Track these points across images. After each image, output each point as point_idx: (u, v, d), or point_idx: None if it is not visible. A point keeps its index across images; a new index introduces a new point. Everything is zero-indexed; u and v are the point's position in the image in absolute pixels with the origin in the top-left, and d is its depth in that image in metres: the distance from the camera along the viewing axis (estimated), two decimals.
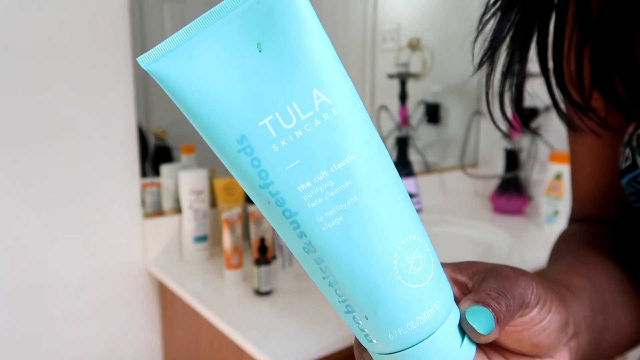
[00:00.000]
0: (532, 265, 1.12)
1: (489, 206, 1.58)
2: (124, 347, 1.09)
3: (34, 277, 0.96)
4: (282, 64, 0.21)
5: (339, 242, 0.22)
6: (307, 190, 0.21)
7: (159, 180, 1.13)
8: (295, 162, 0.21)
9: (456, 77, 1.70)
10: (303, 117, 0.21)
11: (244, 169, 0.22)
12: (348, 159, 0.21)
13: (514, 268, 0.27)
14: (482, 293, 0.25)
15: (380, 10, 1.57)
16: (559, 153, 1.34)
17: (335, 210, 0.22)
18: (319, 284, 0.24)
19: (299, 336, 0.80)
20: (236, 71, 0.21)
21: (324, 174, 0.21)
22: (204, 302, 0.92)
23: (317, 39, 0.21)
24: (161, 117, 1.20)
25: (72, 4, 0.93)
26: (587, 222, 0.49)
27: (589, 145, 0.47)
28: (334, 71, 0.21)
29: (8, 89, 0.90)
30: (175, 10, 1.18)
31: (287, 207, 0.22)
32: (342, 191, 0.21)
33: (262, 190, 0.22)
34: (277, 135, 0.21)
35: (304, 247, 0.22)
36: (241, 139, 0.21)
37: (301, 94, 0.21)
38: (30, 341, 0.97)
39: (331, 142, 0.21)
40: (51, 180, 0.96)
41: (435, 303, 0.23)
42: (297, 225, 0.22)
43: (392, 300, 0.23)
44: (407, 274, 0.23)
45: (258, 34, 0.21)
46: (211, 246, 1.15)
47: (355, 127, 0.22)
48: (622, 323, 0.37)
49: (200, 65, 0.21)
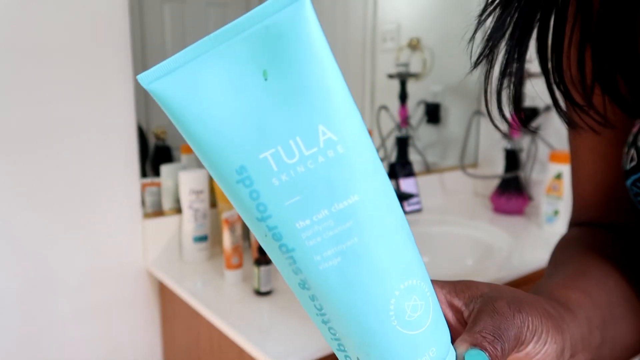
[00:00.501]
0: (532, 265, 1.12)
1: (489, 206, 1.58)
2: (124, 347, 1.09)
3: (34, 277, 0.96)
4: (288, 95, 0.20)
5: (335, 283, 0.21)
6: (305, 228, 0.21)
7: (159, 180, 1.13)
8: (295, 198, 0.20)
9: (456, 77, 1.70)
10: (306, 153, 0.20)
11: (243, 199, 0.21)
12: (351, 199, 0.21)
13: (510, 302, 0.27)
14: (478, 335, 0.24)
15: (380, 10, 1.57)
16: (559, 153, 1.34)
17: (334, 250, 0.21)
18: (314, 319, 0.23)
19: (299, 336, 0.80)
20: (240, 98, 0.20)
21: (325, 213, 0.21)
22: (204, 302, 0.92)
23: (327, 70, 0.20)
24: (161, 117, 1.20)
25: (72, 4, 0.93)
26: (588, 227, 0.47)
27: (591, 146, 0.46)
28: (342, 106, 0.20)
29: (8, 89, 0.90)
30: (175, 10, 1.18)
31: (285, 242, 0.21)
32: (342, 231, 0.21)
33: (259, 222, 0.21)
34: (278, 170, 0.20)
35: (299, 282, 0.22)
36: (241, 169, 0.20)
37: (306, 129, 0.20)
38: (31, 341, 0.97)
39: (334, 180, 0.20)
40: (51, 180, 0.96)
41: (431, 350, 0.23)
42: (293, 261, 0.21)
43: (386, 346, 0.22)
44: (404, 319, 0.22)
45: (265, 60, 0.20)
46: (211, 246, 1.15)
47: (361, 166, 0.21)
48: (620, 337, 0.37)
49: (202, 89, 0.20)
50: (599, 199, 0.47)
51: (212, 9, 1.22)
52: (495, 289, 0.28)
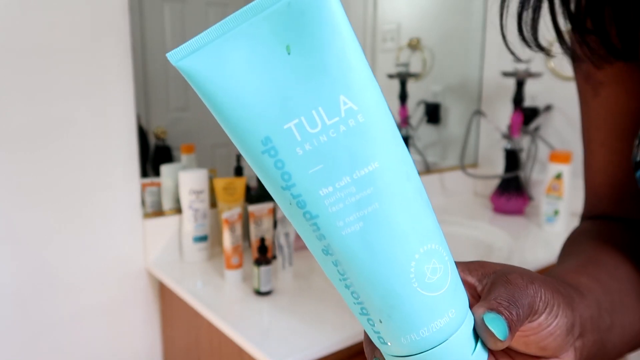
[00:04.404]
0: (532, 265, 1.12)
1: (489, 206, 1.58)
2: (124, 347, 1.09)
3: (33, 277, 0.96)
4: (310, 68, 0.21)
5: (358, 247, 0.22)
6: (328, 195, 0.21)
7: (159, 180, 1.13)
8: (318, 166, 0.21)
9: (456, 77, 1.70)
10: (328, 123, 0.21)
11: (268, 169, 0.22)
12: (371, 166, 0.21)
13: (522, 274, 0.27)
14: (494, 301, 0.25)
15: (380, 10, 1.57)
16: (559, 153, 1.34)
17: (356, 216, 0.22)
18: (336, 284, 0.24)
19: (299, 336, 0.80)
20: (264, 72, 0.21)
21: (346, 180, 0.21)
22: (204, 302, 0.92)
23: (347, 44, 0.21)
24: (161, 117, 1.20)
25: (72, 4, 0.93)
26: (600, 220, 0.48)
27: (602, 140, 0.46)
28: (362, 77, 0.21)
29: (8, 89, 0.90)
30: (175, 10, 1.18)
31: (308, 209, 0.22)
32: (363, 198, 0.22)
33: (284, 191, 0.22)
34: (302, 139, 0.21)
35: (323, 249, 0.23)
36: (266, 140, 0.21)
37: (328, 100, 0.21)
38: (31, 341, 0.97)
39: (355, 148, 0.21)
40: (51, 180, 0.96)
41: (450, 311, 0.24)
42: (317, 227, 0.22)
43: (407, 307, 0.23)
44: (424, 281, 0.23)
45: (288, 36, 0.21)
46: (211, 246, 1.15)
47: (380, 134, 0.22)
48: (629, 324, 0.37)
49: (229, 64, 0.21)
50: (611, 191, 0.47)
51: (212, 8, 1.22)
52: (507, 266, 0.29)
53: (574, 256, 0.41)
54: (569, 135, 1.49)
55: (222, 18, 0.21)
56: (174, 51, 0.21)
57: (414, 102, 1.62)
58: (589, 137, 0.48)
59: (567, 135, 1.49)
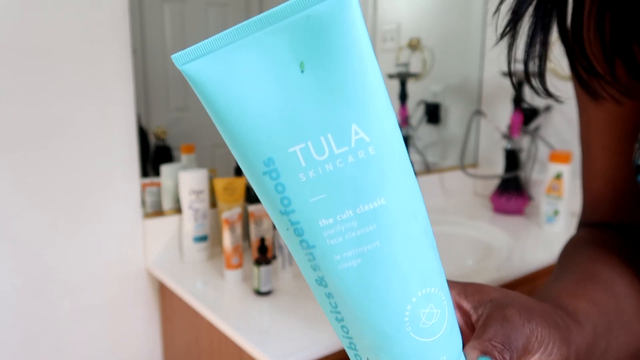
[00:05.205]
0: (532, 265, 1.12)
1: (489, 206, 1.58)
2: (124, 347, 1.09)
3: (33, 277, 0.96)
4: (324, 89, 0.19)
5: (353, 284, 0.21)
6: (328, 227, 0.20)
7: (159, 180, 1.13)
8: (320, 195, 0.20)
9: (456, 77, 1.70)
10: (336, 152, 0.20)
11: (267, 191, 0.21)
12: (377, 202, 0.20)
13: (520, 309, 0.26)
14: (488, 344, 0.25)
15: (380, 10, 1.57)
16: (559, 153, 1.34)
17: (355, 251, 0.21)
18: (327, 315, 0.23)
19: (299, 336, 0.80)
20: (274, 88, 0.19)
21: (349, 214, 0.20)
22: (204, 302, 0.92)
23: (367, 68, 0.19)
24: (161, 117, 1.20)
25: (72, 4, 0.93)
26: (598, 228, 0.46)
27: (602, 143, 0.45)
28: (379, 106, 0.20)
29: (8, 89, 0.90)
30: (175, 10, 1.18)
31: (306, 238, 0.21)
32: (364, 234, 0.20)
33: (282, 216, 0.21)
34: (306, 165, 0.20)
35: (317, 279, 0.22)
36: (268, 161, 0.20)
37: (339, 127, 0.20)
38: (31, 341, 0.97)
39: (362, 182, 0.20)
40: (51, 180, 0.96)
41: (442, 358, 0.23)
42: (312, 257, 0.21)
43: (397, 351, 0.22)
44: (418, 326, 0.22)
45: (303, 51, 0.19)
46: (211, 246, 1.15)
47: (391, 169, 0.20)
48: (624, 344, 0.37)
49: (237, 74, 0.19)
50: (610, 195, 0.46)
51: (212, 9, 1.22)
52: (505, 295, 0.28)
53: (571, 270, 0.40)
54: (569, 135, 1.49)
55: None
56: (180, 53, 0.20)
57: (414, 102, 1.62)
58: (588, 141, 0.47)
59: (567, 135, 1.49)
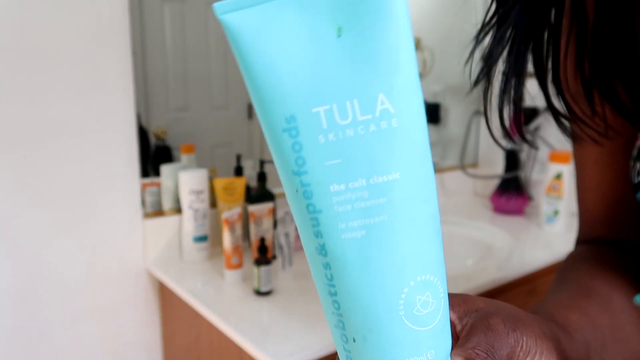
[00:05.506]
0: (532, 265, 1.12)
1: (489, 206, 1.58)
2: (124, 347, 1.09)
3: (34, 277, 0.96)
4: (357, 56, 0.19)
5: (353, 256, 0.21)
6: (338, 193, 0.20)
7: (159, 180, 1.13)
8: (336, 160, 0.20)
9: (456, 77, 1.70)
10: (360, 118, 0.20)
11: (283, 149, 0.20)
12: (391, 176, 0.20)
13: (505, 318, 0.26)
14: (471, 351, 0.24)
15: None
16: (559, 153, 1.34)
17: (361, 222, 0.20)
18: (320, 289, 0.22)
19: (299, 336, 0.80)
20: (308, 48, 0.20)
21: (361, 182, 0.20)
22: (204, 302, 0.92)
23: (401, 43, 0.20)
24: (161, 117, 1.20)
25: (72, 4, 0.93)
26: (595, 245, 0.45)
27: (596, 158, 0.44)
28: (408, 80, 0.20)
29: (8, 89, 0.90)
30: (175, 10, 1.18)
31: (313, 202, 0.20)
32: (373, 205, 0.20)
33: (294, 176, 0.20)
34: (327, 127, 0.20)
35: (317, 247, 0.21)
36: (290, 118, 0.20)
37: (366, 94, 0.20)
38: (31, 341, 0.97)
39: (380, 152, 0.20)
40: (51, 180, 0.96)
41: (430, 352, 0.22)
42: (317, 223, 0.21)
43: (386, 334, 0.21)
44: (412, 313, 0.21)
45: (342, 17, 0.19)
46: (211, 246, 1.15)
47: (410, 145, 0.20)
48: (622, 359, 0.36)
49: (275, 30, 0.19)
50: (606, 211, 0.45)
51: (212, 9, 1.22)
52: (491, 305, 0.27)
53: (566, 286, 0.40)
54: None
55: None
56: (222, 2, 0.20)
57: None
58: (581, 157, 0.46)
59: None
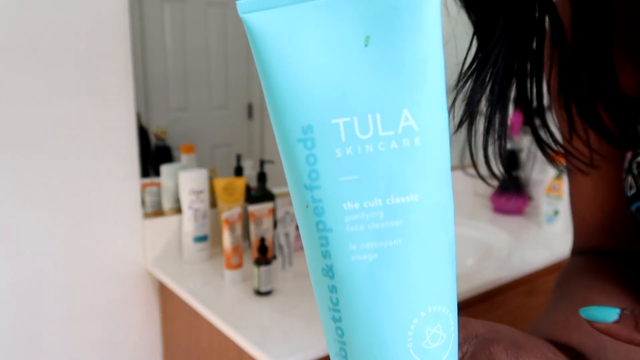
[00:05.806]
0: (532, 265, 1.12)
1: (489, 206, 1.58)
2: (124, 347, 1.09)
3: (33, 278, 0.96)
4: (383, 68, 0.18)
5: (362, 281, 0.19)
6: (352, 212, 0.19)
7: (159, 180, 1.13)
8: (352, 176, 0.19)
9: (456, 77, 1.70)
10: (381, 134, 0.18)
11: (297, 161, 0.19)
12: (409, 197, 0.19)
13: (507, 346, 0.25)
14: None
15: None
16: None
17: (373, 245, 0.19)
18: (323, 313, 0.21)
19: (299, 336, 0.80)
20: (333, 56, 0.18)
21: (377, 202, 0.19)
22: (204, 302, 0.92)
23: (432, 55, 0.18)
24: (161, 117, 1.20)
25: (72, 4, 0.93)
26: (591, 256, 0.45)
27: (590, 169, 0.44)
28: (435, 97, 0.19)
29: (8, 89, 0.90)
30: (175, 10, 1.18)
31: (324, 219, 0.19)
32: (388, 228, 0.19)
33: (305, 190, 0.19)
34: (346, 141, 0.18)
35: (324, 268, 0.20)
36: (307, 128, 0.19)
37: (389, 109, 0.18)
38: (31, 341, 0.97)
39: (399, 171, 0.19)
40: (51, 180, 0.96)
41: None
42: (326, 242, 0.19)
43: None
44: (420, 346, 0.20)
45: (371, 26, 0.18)
46: (211, 246, 1.15)
47: (432, 167, 0.19)
48: None
49: (299, 34, 0.18)
50: (602, 221, 0.45)
51: (212, 9, 1.22)
52: (492, 330, 0.26)
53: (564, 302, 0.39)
54: None
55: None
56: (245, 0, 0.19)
57: None
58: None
59: None
